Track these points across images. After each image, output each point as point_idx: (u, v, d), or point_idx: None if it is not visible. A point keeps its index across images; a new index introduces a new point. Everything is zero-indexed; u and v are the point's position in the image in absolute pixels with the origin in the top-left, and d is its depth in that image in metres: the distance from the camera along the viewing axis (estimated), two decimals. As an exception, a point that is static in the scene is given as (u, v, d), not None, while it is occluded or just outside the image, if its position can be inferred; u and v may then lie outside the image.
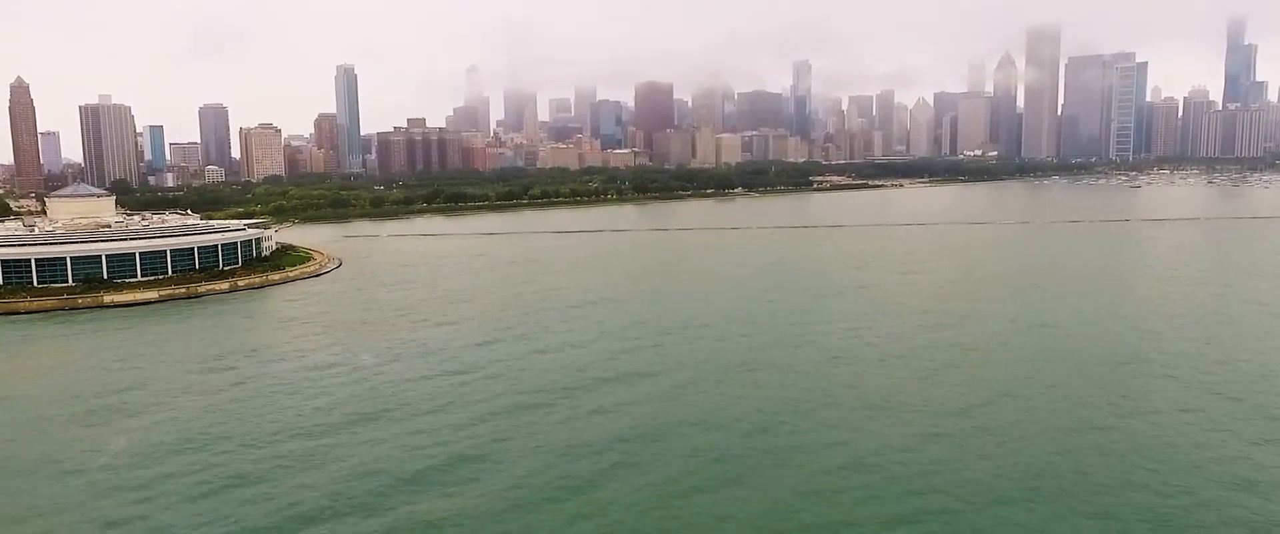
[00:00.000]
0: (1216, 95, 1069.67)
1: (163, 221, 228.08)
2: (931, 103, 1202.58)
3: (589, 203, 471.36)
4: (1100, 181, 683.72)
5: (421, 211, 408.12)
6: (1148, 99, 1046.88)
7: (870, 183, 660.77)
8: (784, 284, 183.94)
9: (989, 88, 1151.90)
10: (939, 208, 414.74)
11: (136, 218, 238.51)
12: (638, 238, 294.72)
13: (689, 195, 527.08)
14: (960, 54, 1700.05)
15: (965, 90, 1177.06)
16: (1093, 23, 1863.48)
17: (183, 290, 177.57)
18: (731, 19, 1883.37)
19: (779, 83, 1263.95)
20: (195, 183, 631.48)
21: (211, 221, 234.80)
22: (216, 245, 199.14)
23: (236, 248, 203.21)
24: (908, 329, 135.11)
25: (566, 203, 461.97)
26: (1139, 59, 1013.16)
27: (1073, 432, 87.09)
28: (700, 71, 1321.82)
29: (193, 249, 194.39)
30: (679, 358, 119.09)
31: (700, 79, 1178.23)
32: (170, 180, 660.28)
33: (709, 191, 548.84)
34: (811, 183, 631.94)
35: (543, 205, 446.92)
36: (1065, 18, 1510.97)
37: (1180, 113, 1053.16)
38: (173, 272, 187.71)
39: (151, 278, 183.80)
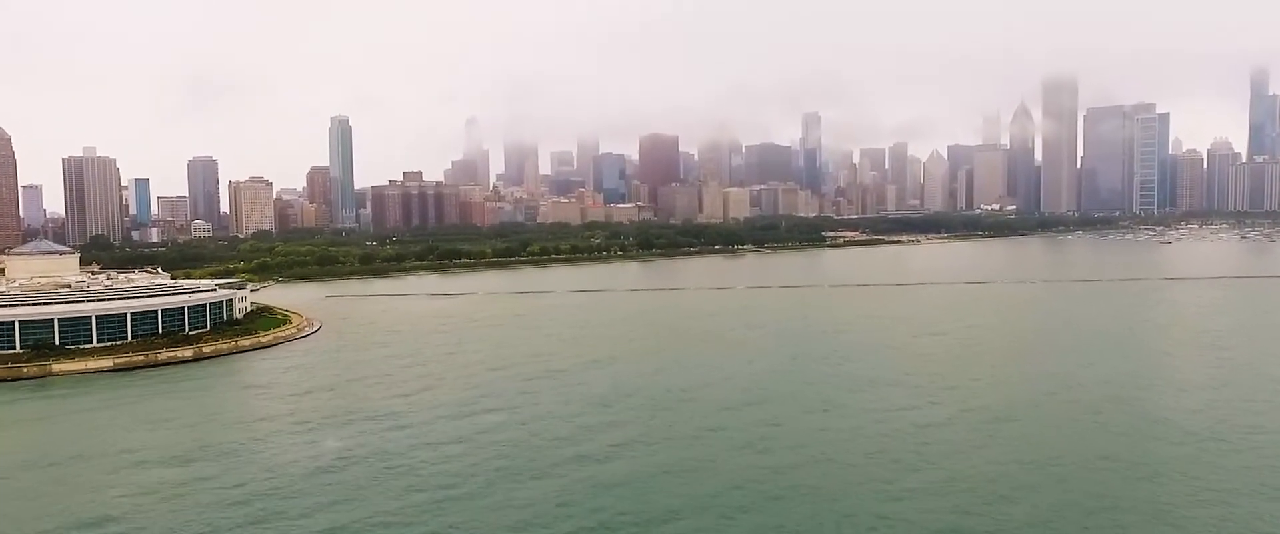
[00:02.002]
0: (1240, 147, 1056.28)
1: (128, 281, 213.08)
2: (945, 155, 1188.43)
3: (590, 260, 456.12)
4: (1127, 236, 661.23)
5: (413, 269, 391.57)
6: (1170, 151, 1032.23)
7: (885, 238, 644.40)
8: (797, 348, 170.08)
9: (1004, 140, 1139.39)
10: (960, 265, 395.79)
11: (101, 277, 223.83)
12: (641, 298, 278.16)
13: (696, 252, 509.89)
14: (973, 106, 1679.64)
15: (980, 143, 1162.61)
16: (1109, 72, 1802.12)
17: (141, 358, 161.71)
18: (737, 71, 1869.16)
19: (788, 135, 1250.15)
20: (180, 238, 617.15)
21: (180, 282, 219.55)
22: (183, 307, 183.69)
23: (205, 310, 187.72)
24: (937, 399, 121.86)
25: (567, 260, 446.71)
26: (1159, 110, 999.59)
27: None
28: (706, 124, 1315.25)
29: (156, 312, 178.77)
30: (683, 431, 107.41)
31: (706, 131, 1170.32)
32: (155, 235, 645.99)
33: (716, 248, 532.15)
34: (824, 238, 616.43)
35: (542, 262, 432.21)
36: (1081, 68, 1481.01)
37: (1205, 165, 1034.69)
38: (133, 336, 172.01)
39: (108, 344, 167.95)
